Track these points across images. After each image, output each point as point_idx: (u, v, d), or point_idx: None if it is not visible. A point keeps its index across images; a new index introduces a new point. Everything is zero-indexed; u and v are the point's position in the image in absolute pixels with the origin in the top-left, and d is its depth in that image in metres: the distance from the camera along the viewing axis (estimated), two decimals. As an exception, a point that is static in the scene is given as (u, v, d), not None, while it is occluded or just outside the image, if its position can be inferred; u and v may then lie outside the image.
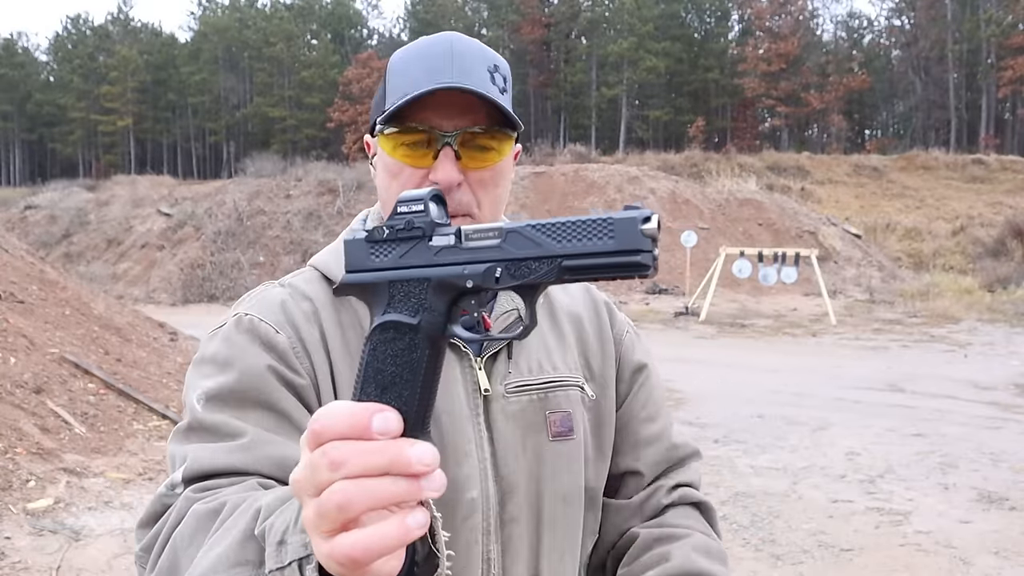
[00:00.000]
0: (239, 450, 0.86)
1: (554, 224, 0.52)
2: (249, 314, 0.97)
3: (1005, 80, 50.14)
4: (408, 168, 0.96)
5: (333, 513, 0.53)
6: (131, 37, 71.05)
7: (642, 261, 0.50)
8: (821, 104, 54.63)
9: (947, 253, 26.30)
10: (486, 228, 0.55)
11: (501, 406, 1.01)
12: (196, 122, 67.75)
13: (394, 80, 0.98)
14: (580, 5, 61.07)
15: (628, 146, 51.35)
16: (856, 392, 9.18)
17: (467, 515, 0.95)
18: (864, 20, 70.32)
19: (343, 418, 0.53)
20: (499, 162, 0.99)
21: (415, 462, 0.52)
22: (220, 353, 0.94)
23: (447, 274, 0.55)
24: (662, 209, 23.13)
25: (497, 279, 0.53)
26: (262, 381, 0.91)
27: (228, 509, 0.76)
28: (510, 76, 1.03)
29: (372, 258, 0.59)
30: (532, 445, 1.01)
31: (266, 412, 0.90)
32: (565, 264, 0.51)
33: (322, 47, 66.19)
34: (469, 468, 0.96)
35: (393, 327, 0.56)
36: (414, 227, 0.57)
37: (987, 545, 4.69)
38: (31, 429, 5.43)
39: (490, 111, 0.95)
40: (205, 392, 0.91)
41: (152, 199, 30.18)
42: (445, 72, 0.94)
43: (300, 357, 0.94)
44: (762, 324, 15.92)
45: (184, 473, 0.86)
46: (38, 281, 8.43)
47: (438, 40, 0.98)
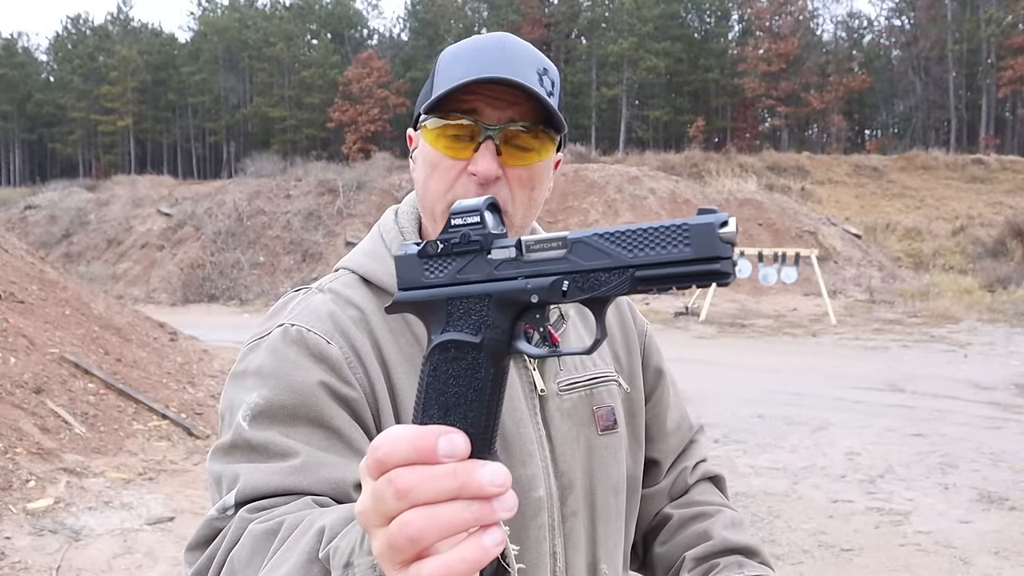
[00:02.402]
0: (294, 472, 0.83)
1: (624, 232, 0.49)
2: (296, 324, 0.93)
3: (1005, 80, 50.13)
4: (448, 159, 0.95)
5: (405, 546, 0.50)
6: (131, 37, 71.03)
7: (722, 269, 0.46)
8: (821, 104, 54.62)
9: (947, 253, 26.30)
10: (549, 238, 0.52)
11: (556, 404, 1.03)
12: (196, 122, 67.73)
13: (443, 73, 0.96)
14: (580, 5, 61.07)
15: (628, 146, 51.34)
16: (856, 392, 9.18)
17: (535, 513, 0.97)
18: (864, 20, 70.32)
19: (406, 442, 0.50)
20: (538, 163, 0.98)
21: (487, 484, 0.49)
22: (266, 366, 0.90)
23: (509, 288, 0.52)
24: (662, 209, 23.14)
25: (564, 292, 0.50)
26: (314, 397, 0.87)
27: (287, 528, 0.74)
28: (559, 82, 1.02)
29: (427, 274, 0.56)
30: (584, 440, 1.04)
31: (317, 429, 0.86)
32: (638, 275, 0.48)
33: (322, 47, 66.18)
34: (534, 468, 0.98)
35: (454, 346, 0.53)
36: (471, 240, 0.54)
37: (987, 545, 4.69)
38: (31, 429, 5.43)
39: (536, 109, 0.94)
40: (252, 407, 0.86)
41: (152, 199, 30.18)
42: (496, 65, 0.92)
43: (354, 368, 0.91)
44: (762, 324, 15.92)
45: (237, 496, 0.82)
46: (38, 281, 8.43)
47: (490, 38, 0.98)
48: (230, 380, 0.93)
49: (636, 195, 23.50)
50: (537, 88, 0.94)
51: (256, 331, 0.97)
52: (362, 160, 37.08)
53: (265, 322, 0.98)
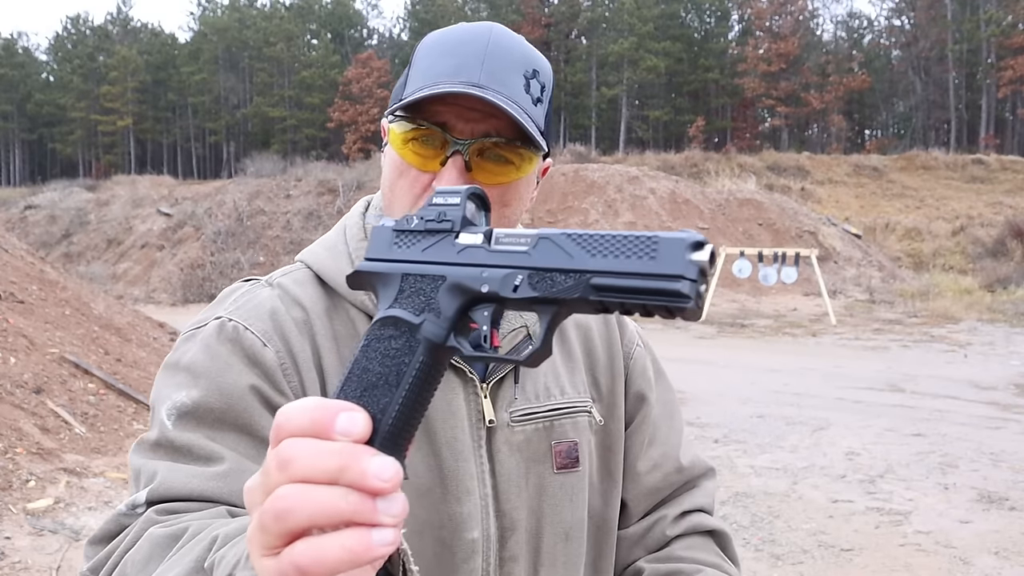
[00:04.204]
0: (216, 478, 0.78)
1: (592, 235, 0.46)
2: (234, 320, 0.87)
3: (1005, 80, 50.14)
4: (413, 170, 0.87)
5: (270, 523, 0.45)
6: (131, 37, 71.06)
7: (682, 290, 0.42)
8: (821, 104, 54.63)
9: (947, 253, 26.30)
10: (519, 233, 0.49)
11: (506, 436, 0.92)
12: (196, 122, 67.74)
13: (419, 66, 0.88)
14: (580, 5, 61.07)
15: (628, 146, 51.35)
16: (856, 392, 9.18)
17: (467, 557, 0.89)
18: (864, 20, 70.31)
19: (307, 413, 0.46)
20: (516, 180, 0.88)
21: (370, 474, 0.44)
22: (198, 363, 0.84)
23: (463, 274, 0.50)
24: (662, 209, 23.14)
25: (516, 287, 0.47)
26: (243, 403, 0.82)
27: (188, 536, 0.70)
28: (551, 84, 0.92)
29: (395, 248, 0.54)
30: (535, 478, 0.94)
31: (244, 436, 0.81)
32: (594, 281, 0.45)
33: (322, 47, 66.19)
34: (471, 506, 0.89)
35: (393, 323, 0.50)
36: (444, 219, 0.52)
37: (987, 545, 4.69)
38: (31, 429, 5.43)
39: (517, 121, 0.84)
40: (178, 406, 0.82)
41: (152, 199, 30.19)
42: (472, 72, 0.84)
43: (288, 376, 0.85)
44: (762, 324, 15.92)
45: (149, 494, 0.78)
46: (38, 281, 8.43)
47: (475, 33, 0.88)
48: (163, 370, 0.88)
49: (636, 195, 23.50)
50: (520, 96, 0.85)
51: (198, 317, 0.91)
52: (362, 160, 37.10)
53: (208, 309, 0.92)
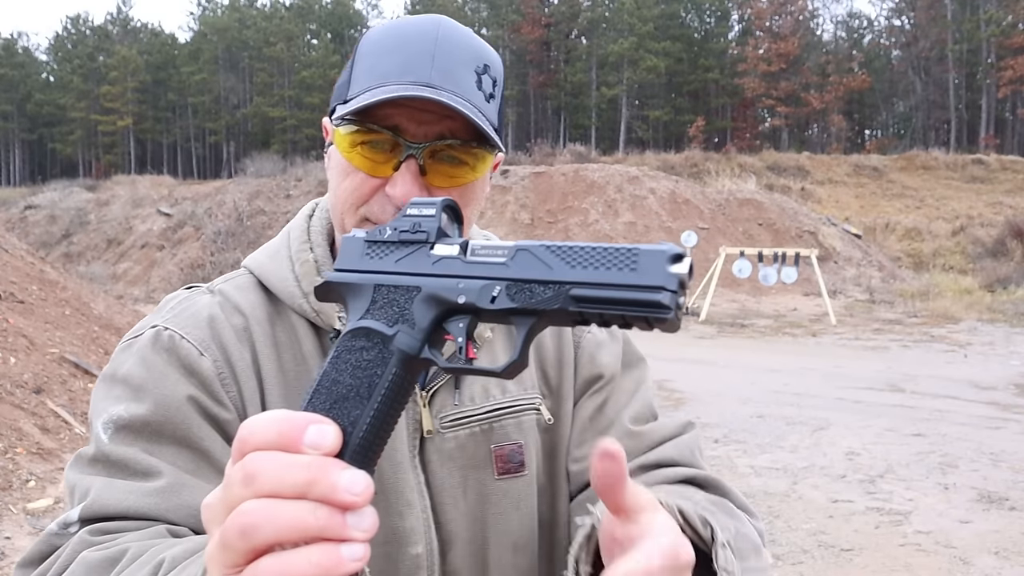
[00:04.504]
0: (153, 494, 0.74)
1: (571, 247, 0.46)
2: (169, 328, 0.83)
3: (1005, 80, 50.15)
4: (361, 173, 0.82)
5: (234, 540, 0.42)
6: (131, 37, 71.08)
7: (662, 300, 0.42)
8: (821, 104, 54.64)
9: (947, 253, 26.31)
10: (496, 245, 0.49)
11: (436, 445, 0.87)
12: (196, 122, 67.75)
13: (363, 64, 0.83)
14: (580, 5, 61.06)
15: (628, 146, 51.35)
16: (856, 392, 9.18)
17: (410, 572, 0.85)
18: (864, 20, 70.33)
19: (273, 425, 0.44)
20: (472, 181, 0.84)
21: (342, 488, 0.42)
22: (134, 375, 0.81)
23: (440, 285, 0.49)
24: (662, 209, 23.14)
25: (494, 298, 0.47)
26: (181, 414, 0.79)
27: (128, 559, 0.66)
28: (502, 77, 0.88)
29: (366, 258, 0.53)
30: (475, 486, 0.88)
31: (183, 449, 0.78)
32: (573, 292, 0.44)
33: (322, 47, 66.19)
34: (413, 520, 0.85)
35: (364, 334, 0.49)
36: (419, 230, 0.52)
37: (987, 545, 4.69)
38: (31, 429, 5.43)
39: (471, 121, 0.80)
40: (114, 420, 0.78)
41: (152, 199, 30.20)
42: (422, 70, 0.79)
43: (227, 385, 0.82)
44: (762, 324, 15.92)
45: (82, 512, 0.74)
46: (38, 281, 8.43)
47: (421, 28, 0.83)
48: (99, 382, 0.84)
49: (636, 195, 23.50)
50: (473, 94, 0.81)
51: (136, 326, 0.87)
52: (362, 160, 37.03)
53: (148, 317, 0.88)
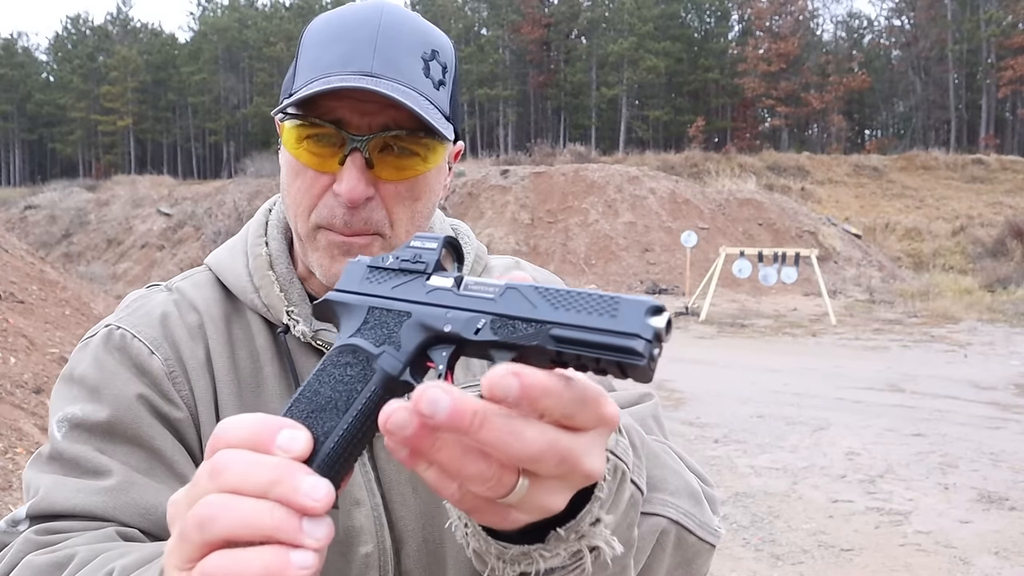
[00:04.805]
0: (102, 493, 0.74)
1: (557, 291, 0.48)
2: (121, 327, 0.84)
3: (1005, 80, 50.16)
4: (311, 171, 0.80)
5: (192, 531, 0.43)
6: (131, 37, 71.10)
7: (636, 347, 0.44)
8: (821, 104, 54.65)
9: (947, 253, 26.32)
10: (488, 282, 0.51)
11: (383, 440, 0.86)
12: (196, 122, 67.77)
13: (306, 56, 0.81)
14: (580, 5, 61.07)
15: (628, 146, 51.35)
16: (856, 392, 9.18)
17: (361, 572, 0.82)
18: (864, 20, 70.36)
19: (247, 426, 0.45)
20: (423, 172, 0.82)
21: (303, 491, 0.42)
22: (88, 375, 0.81)
23: (429, 313, 0.51)
24: (662, 209, 23.14)
25: (478, 330, 0.49)
26: (132, 413, 0.79)
27: (76, 565, 0.66)
28: (453, 62, 0.84)
29: (366, 282, 0.56)
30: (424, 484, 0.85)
31: (135, 448, 0.78)
32: (553, 332, 0.46)
33: (322, 47, 66.24)
34: (362, 518, 0.82)
35: (351, 351, 0.52)
36: (418, 261, 0.55)
37: (987, 545, 4.69)
38: (31, 429, 5.43)
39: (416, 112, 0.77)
40: (68, 418, 0.79)
41: (152, 199, 30.21)
42: (364, 60, 0.77)
43: (178, 383, 0.82)
44: (762, 324, 15.92)
45: (31, 509, 0.74)
46: (38, 281, 8.44)
47: (363, 16, 0.80)
48: (58, 381, 0.84)
49: (636, 195, 23.51)
50: (420, 81, 0.79)
51: (95, 326, 0.88)
52: (362, 160, 37.02)
53: (108, 317, 0.89)
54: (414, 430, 0.43)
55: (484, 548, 0.57)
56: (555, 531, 0.55)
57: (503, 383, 0.42)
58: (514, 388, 0.42)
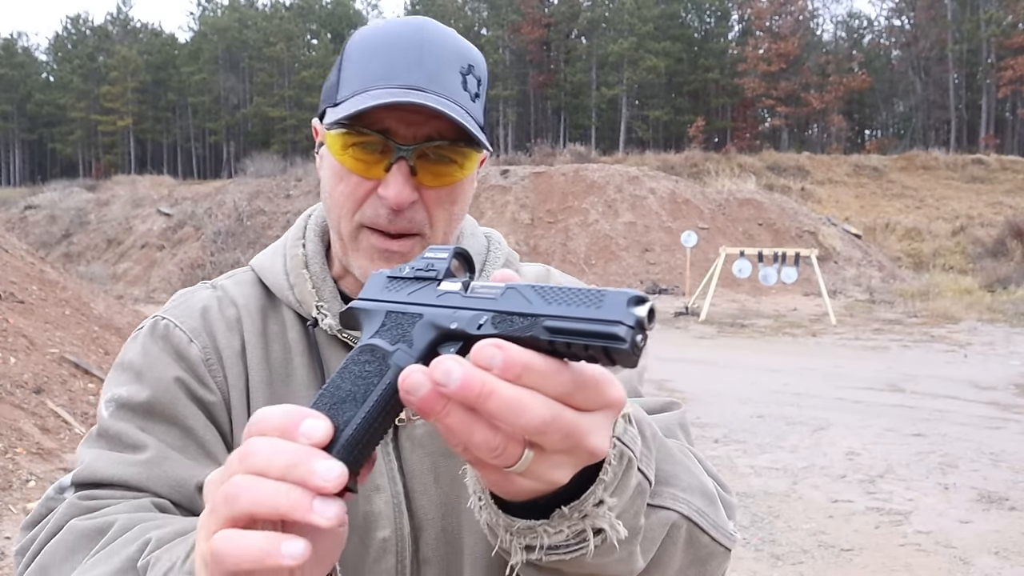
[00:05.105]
0: (138, 465, 0.82)
1: (551, 288, 0.53)
2: (166, 318, 0.92)
3: (1005, 80, 50.16)
4: (355, 176, 0.86)
5: (220, 507, 0.49)
6: (131, 37, 71.10)
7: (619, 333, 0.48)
8: (821, 104, 54.65)
9: (947, 253, 26.32)
10: (492, 285, 0.56)
11: (408, 432, 0.90)
12: (196, 122, 67.76)
13: (351, 68, 0.87)
14: (580, 5, 61.07)
15: (628, 146, 51.37)
16: (856, 392, 9.18)
17: (379, 556, 0.86)
18: (864, 20, 70.34)
19: (276, 417, 0.51)
20: (461, 179, 0.88)
21: (318, 473, 0.47)
22: (135, 361, 0.90)
23: (438, 314, 0.57)
24: (662, 209, 23.15)
25: (480, 326, 0.54)
26: (169, 394, 0.87)
27: (115, 531, 0.73)
28: (486, 76, 0.91)
29: (385, 290, 0.62)
30: (446, 473, 0.89)
31: (171, 427, 0.86)
32: (545, 323, 0.51)
33: (322, 47, 66.20)
34: (381, 504, 0.87)
35: (370, 350, 0.57)
36: (431, 269, 0.61)
37: (987, 545, 4.69)
38: (31, 429, 5.43)
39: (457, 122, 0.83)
40: (115, 399, 0.88)
41: (152, 199, 30.21)
42: (410, 74, 0.83)
43: (213, 370, 0.89)
44: (762, 324, 15.91)
45: (75, 477, 0.83)
46: (38, 281, 8.44)
47: (407, 31, 0.86)
48: (112, 369, 0.93)
49: (636, 195, 23.51)
50: (459, 94, 0.85)
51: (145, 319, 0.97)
52: (362, 160, 37.02)
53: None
54: (426, 393, 0.47)
55: (494, 521, 0.61)
56: (560, 509, 0.59)
57: (486, 352, 0.47)
58: (498, 357, 0.47)
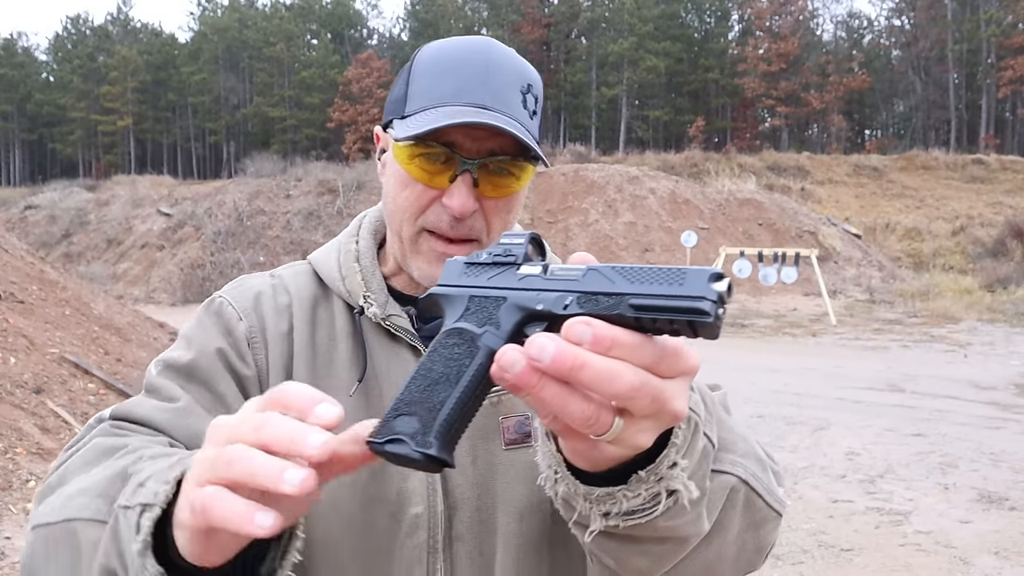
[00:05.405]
0: (168, 411, 0.90)
1: (632, 268, 0.55)
2: (223, 297, 1.01)
3: (1005, 80, 50.13)
4: (420, 184, 0.93)
5: (217, 464, 0.54)
6: (131, 37, 71.06)
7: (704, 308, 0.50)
8: (821, 104, 54.62)
9: (947, 253, 26.31)
10: (572, 267, 0.58)
11: None
12: (196, 122, 67.73)
13: (420, 84, 0.93)
14: (580, 5, 61.05)
15: (628, 146, 51.35)
16: (856, 392, 9.18)
17: (411, 531, 0.91)
18: (864, 20, 70.32)
19: (297, 396, 0.55)
20: (517, 191, 0.95)
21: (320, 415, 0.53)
22: (189, 331, 1.00)
23: (522, 296, 0.59)
24: (662, 209, 23.14)
25: (566, 306, 0.56)
26: (210, 362, 0.95)
27: (126, 451, 0.81)
28: (542, 94, 0.99)
29: (464, 276, 0.64)
30: (483, 456, 0.93)
31: (205, 391, 0.93)
32: (631, 302, 0.53)
33: (322, 47, 66.17)
34: (415, 482, 0.91)
35: (458, 333, 0.60)
36: (509, 255, 0.63)
37: (987, 545, 4.69)
38: (31, 429, 5.43)
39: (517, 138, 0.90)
40: (164, 360, 0.97)
41: (152, 199, 30.20)
42: (476, 93, 0.90)
43: (256, 348, 0.97)
44: (762, 324, 15.91)
45: (113, 411, 0.92)
46: (38, 281, 8.43)
47: (474, 51, 0.93)
48: None
49: (636, 195, 23.51)
50: (519, 112, 0.91)
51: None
52: (362, 160, 37.08)
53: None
54: (522, 369, 0.50)
55: (572, 491, 0.65)
56: (636, 473, 0.63)
57: (577, 329, 0.51)
58: (588, 333, 0.51)
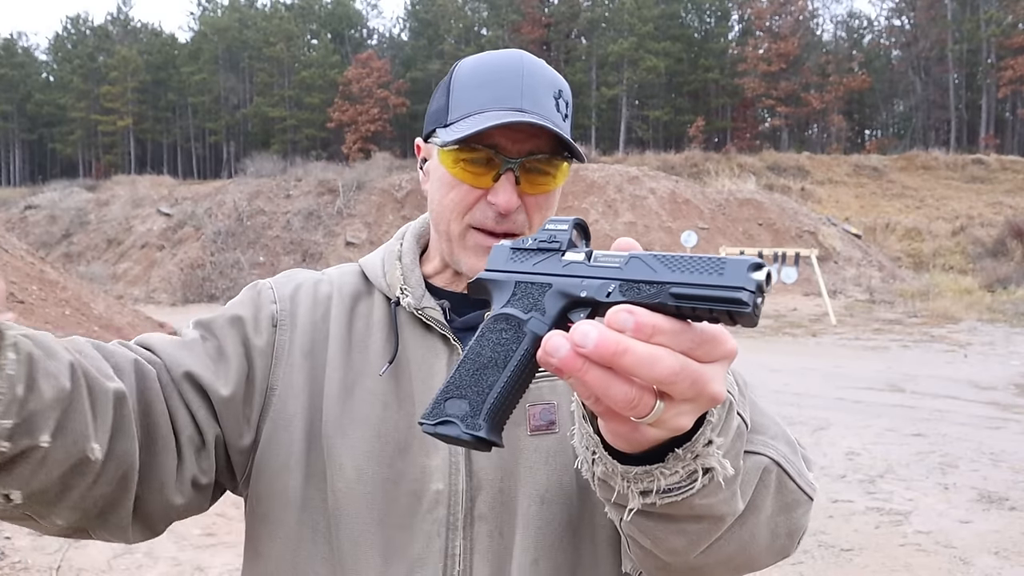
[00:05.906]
0: (174, 344, 0.99)
1: (673, 256, 0.56)
2: (268, 281, 1.10)
3: (1005, 80, 50.12)
4: (465, 185, 0.99)
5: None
6: (131, 37, 71.05)
7: (743, 298, 0.52)
8: (821, 104, 54.61)
9: (947, 253, 26.31)
10: (615, 254, 0.60)
11: None
12: (196, 122, 67.72)
13: (460, 94, 1.00)
14: (580, 5, 61.05)
15: (628, 146, 51.37)
16: (856, 392, 9.18)
17: (432, 507, 0.95)
18: (864, 20, 70.33)
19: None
20: (555, 188, 1.03)
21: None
22: (231, 304, 1.08)
23: (567, 283, 0.61)
24: (662, 209, 23.14)
25: (609, 294, 0.58)
26: (228, 323, 1.02)
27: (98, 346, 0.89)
28: (571, 100, 1.06)
29: (510, 262, 0.67)
30: (509, 440, 0.96)
31: (214, 343, 1.01)
32: (672, 290, 0.54)
33: (322, 47, 66.16)
34: (439, 460, 0.95)
35: (505, 319, 0.62)
36: (554, 241, 0.65)
37: (987, 545, 4.69)
38: (31, 429, 5.42)
39: (553, 137, 0.98)
40: (197, 319, 1.06)
41: (152, 199, 30.20)
42: (514, 99, 0.97)
43: (281, 328, 1.03)
44: (762, 324, 15.92)
45: (137, 339, 1.01)
46: (38, 281, 8.44)
47: (508, 62, 1.01)
48: None
49: (636, 195, 23.51)
50: (554, 115, 0.99)
51: None
52: (362, 160, 37.06)
53: None
54: (567, 354, 0.52)
55: (610, 471, 0.67)
56: (673, 451, 0.65)
57: (620, 317, 0.53)
58: (630, 321, 0.53)
